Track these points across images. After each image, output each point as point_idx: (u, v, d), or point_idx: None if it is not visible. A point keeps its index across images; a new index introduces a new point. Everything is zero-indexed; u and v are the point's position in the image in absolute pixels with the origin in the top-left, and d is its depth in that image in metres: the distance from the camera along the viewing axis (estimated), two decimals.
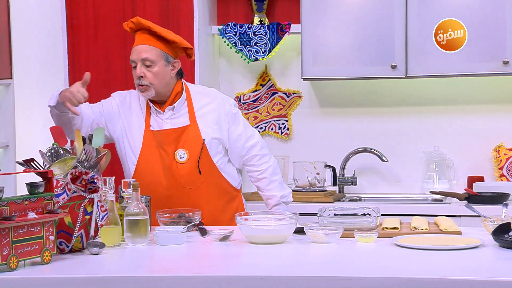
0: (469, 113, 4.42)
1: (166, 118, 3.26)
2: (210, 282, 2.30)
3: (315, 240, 2.76)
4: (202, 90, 3.39)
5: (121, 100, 3.34)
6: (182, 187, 3.22)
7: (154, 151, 3.23)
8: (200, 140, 3.23)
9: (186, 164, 3.22)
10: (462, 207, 3.49)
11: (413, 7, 4.10)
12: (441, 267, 2.38)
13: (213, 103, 3.32)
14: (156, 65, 3.21)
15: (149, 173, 3.23)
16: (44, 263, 2.47)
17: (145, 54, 3.20)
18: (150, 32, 3.23)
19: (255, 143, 3.36)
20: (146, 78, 3.20)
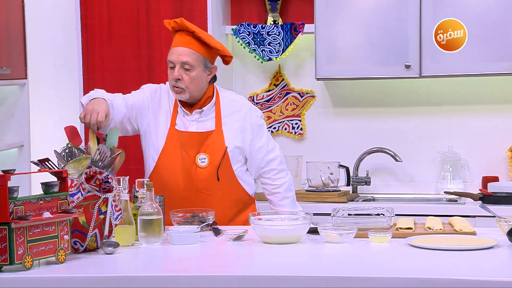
0: (483, 113, 4.40)
1: (192, 120, 3.24)
2: (224, 282, 2.30)
3: (329, 240, 2.75)
4: (232, 96, 3.36)
5: (151, 95, 3.31)
6: (199, 191, 3.20)
7: (176, 150, 3.22)
8: (223, 147, 3.22)
9: (205, 169, 3.20)
10: (477, 207, 3.48)
11: (427, 6, 4.09)
12: (455, 268, 2.37)
13: (240, 112, 3.29)
14: (195, 70, 3.18)
15: (168, 172, 3.22)
16: (59, 263, 2.48)
17: (185, 57, 3.17)
18: (192, 35, 3.19)
19: (275, 157, 3.34)
20: (183, 81, 3.18)
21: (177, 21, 3.20)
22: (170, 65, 3.22)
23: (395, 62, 4.15)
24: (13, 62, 4.10)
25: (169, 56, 3.22)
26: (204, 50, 3.20)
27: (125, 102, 3.25)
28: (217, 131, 3.23)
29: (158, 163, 3.25)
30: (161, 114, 3.27)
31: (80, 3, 4.26)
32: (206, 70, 3.23)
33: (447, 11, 4.07)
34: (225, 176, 3.22)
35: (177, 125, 3.24)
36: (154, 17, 4.22)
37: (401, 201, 4.28)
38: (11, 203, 2.37)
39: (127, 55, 4.25)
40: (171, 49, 3.22)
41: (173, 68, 3.20)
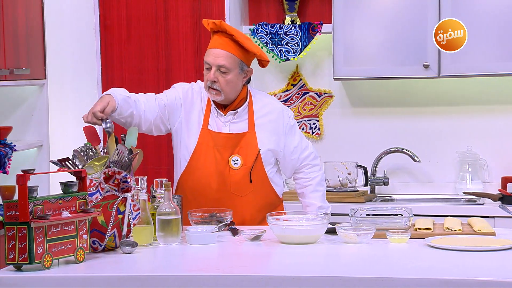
0: (503, 113, 4.37)
1: (226, 121, 3.23)
2: (242, 281, 2.31)
3: (347, 240, 2.75)
4: (264, 98, 3.34)
5: (183, 94, 3.29)
6: (231, 192, 3.20)
7: (209, 151, 3.21)
8: (256, 149, 3.21)
9: (238, 170, 3.19)
10: (496, 208, 3.46)
11: (446, 5, 4.07)
12: (474, 269, 2.36)
13: (273, 114, 3.28)
14: (231, 73, 3.17)
15: (200, 172, 3.21)
16: (78, 262, 2.49)
17: (222, 61, 3.15)
18: (230, 38, 3.17)
19: (309, 154, 3.35)
20: (218, 83, 3.16)
21: (216, 22, 3.18)
22: (206, 66, 3.19)
23: (414, 61, 4.13)
24: (32, 63, 4.13)
25: (206, 57, 3.20)
26: (241, 53, 3.18)
27: (157, 102, 3.24)
28: (250, 133, 3.22)
29: (190, 163, 3.23)
30: (194, 114, 3.26)
31: (99, 4, 4.28)
32: (242, 73, 3.21)
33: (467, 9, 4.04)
34: (257, 178, 3.22)
35: (209, 125, 3.23)
36: (172, 17, 4.23)
37: (419, 201, 4.26)
38: (31, 203, 2.38)
39: (145, 55, 4.27)
40: (208, 50, 3.20)
41: (209, 69, 3.18)
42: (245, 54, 3.20)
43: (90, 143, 2.83)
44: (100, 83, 4.30)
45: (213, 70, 3.15)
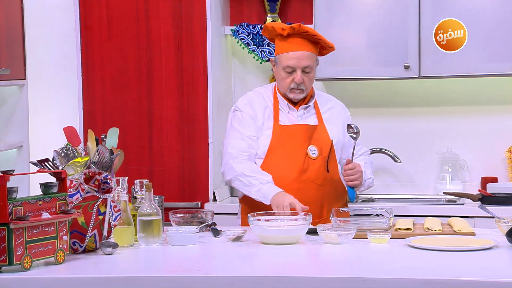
0: (482, 114, 4.40)
1: (298, 115, 3.32)
2: (223, 282, 2.30)
3: (328, 240, 2.75)
4: (323, 93, 3.50)
5: (250, 110, 3.33)
6: (311, 182, 3.25)
7: (285, 144, 3.27)
8: (329, 141, 3.30)
9: (316, 160, 3.27)
10: (476, 208, 3.48)
11: (426, 6, 4.09)
12: (454, 268, 2.37)
13: (336, 108, 3.43)
14: (312, 71, 3.29)
15: (280, 164, 3.25)
16: (58, 263, 2.48)
17: (307, 61, 3.24)
18: (306, 37, 3.25)
19: (364, 152, 3.48)
20: (304, 83, 3.26)
21: (295, 27, 3.24)
22: (287, 70, 3.25)
23: (394, 62, 4.15)
24: (12, 63, 4.10)
25: (286, 62, 3.25)
26: (315, 48, 3.30)
27: (254, 142, 3.29)
28: (321, 126, 3.32)
29: (268, 158, 3.27)
30: (263, 118, 3.31)
31: (79, 4, 4.25)
32: (316, 66, 3.33)
33: (447, 11, 4.07)
34: (332, 168, 3.29)
35: (281, 121, 3.30)
36: (153, 18, 4.22)
37: (400, 201, 4.27)
38: (10, 204, 2.37)
39: (126, 56, 4.25)
40: (287, 54, 3.25)
41: (291, 73, 3.25)
42: (317, 48, 3.31)
43: (71, 144, 2.82)
44: (81, 83, 4.28)
45: (299, 73, 3.24)
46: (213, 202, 4.20)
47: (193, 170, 4.22)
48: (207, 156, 4.20)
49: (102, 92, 4.28)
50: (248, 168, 3.22)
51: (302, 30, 3.24)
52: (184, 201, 4.22)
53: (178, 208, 3.70)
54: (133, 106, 4.25)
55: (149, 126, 4.25)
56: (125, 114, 4.26)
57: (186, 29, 4.20)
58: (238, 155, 3.25)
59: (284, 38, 3.27)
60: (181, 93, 4.22)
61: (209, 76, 4.18)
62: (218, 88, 4.32)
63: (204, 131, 4.21)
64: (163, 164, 4.24)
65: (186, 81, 4.21)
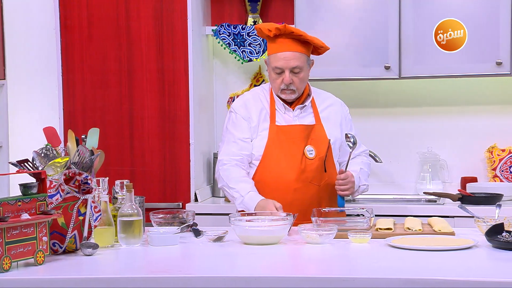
0: (462, 114, 4.44)
1: (295, 116, 3.30)
2: (203, 282, 2.30)
3: (309, 240, 2.76)
4: (321, 92, 3.46)
5: (244, 111, 3.32)
6: (309, 182, 3.24)
7: (282, 145, 3.25)
8: (326, 140, 3.28)
9: (313, 160, 3.26)
10: (456, 208, 3.50)
11: (406, 8, 4.11)
12: (434, 268, 2.38)
13: (334, 106, 3.40)
14: (303, 71, 3.25)
15: (277, 165, 3.24)
16: (38, 264, 2.46)
17: (295, 62, 3.22)
18: (295, 38, 3.23)
19: (362, 151, 3.45)
20: (293, 84, 3.24)
21: (280, 27, 3.21)
22: (276, 71, 3.24)
23: (375, 63, 4.17)
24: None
25: (274, 63, 3.24)
26: (305, 48, 3.27)
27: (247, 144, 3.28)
28: (318, 125, 3.31)
29: (264, 159, 3.26)
30: (259, 119, 3.30)
31: (59, 4, 4.23)
32: (308, 67, 3.31)
33: (427, 13, 4.09)
34: (330, 168, 3.28)
35: (277, 121, 3.29)
36: (134, 18, 4.21)
37: (381, 201, 4.29)
38: None
39: (107, 56, 4.24)
40: (276, 55, 3.24)
41: (280, 74, 3.24)
42: (308, 48, 3.29)
43: (51, 144, 2.80)
44: (61, 83, 4.26)
45: (287, 73, 3.22)
46: (194, 202, 4.20)
47: (174, 171, 4.22)
48: (189, 156, 4.20)
49: (82, 92, 4.26)
50: (232, 179, 3.22)
51: (288, 30, 3.22)
52: (165, 202, 4.22)
53: (159, 209, 3.69)
54: (113, 106, 4.24)
55: (130, 126, 4.23)
56: (105, 114, 4.25)
57: (167, 29, 4.19)
58: (228, 161, 3.25)
59: (273, 39, 3.26)
60: (162, 94, 4.21)
61: (190, 76, 4.18)
62: (200, 88, 4.32)
63: (186, 131, 4.20)
64: (144, 165, 4.23)
65: (167, 81, 4.21)
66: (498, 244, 2.63)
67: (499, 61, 4.02)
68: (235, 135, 3.30)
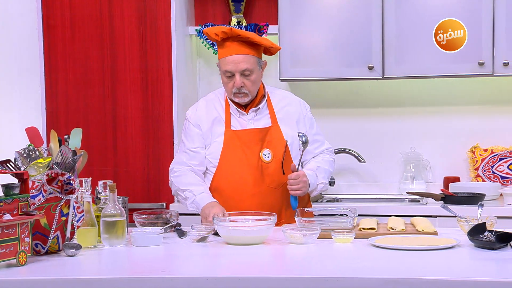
0: (445, 114, 4.46)
1: (249, 119, 3.28)
2: (188, 283, 2.30)
3: (293, 240, 2.76)
4: (279, 92, 3.42)
5: (195, 118, 3.31)
6: (267, 186, 3.22)
7: (237, 149, 3.23)
8: (283, 142, 3.25)
9: (270, 163, 3.23)
10: (439, 208, 3.51)
11: (390, 8, 4.12)
12: (417, 267, 2.39)
13: (292, 106, 3.36)
14: (254, 73, 3.21)
15: (234, 171, 3.22)
16: (20, 265, 2.45)
17: (244, 65, 3.19)
18: (241, 40, 3.19)
19: (325, 149, 3.43)
20: (245, 87, 3.21)
21: (226, 31, 3.18)
22: (227, 75, 3.22)
23: (359, 63, 4.18)
24: None
25: (224, 67, 3.21)
26: (255, 50, 3.23)
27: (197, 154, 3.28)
28: (274, 126, 3.28)
29: (221, 165, 3.24)
30: (212, 125, 3.28)
31: (41, 3, 4.21)
32: (260, 68, 3.27)
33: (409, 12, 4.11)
34: (288, 169, 3.23)
35: (232, 126, 3.26)
36: (117, 18, 4.20)
37: (364, 201, 4.31)
38: None
39: (90, 56, 4.22)
40: (224, 59, 3.21)
41: (231, 77, 3.21)
42: (258, 49, 3.25)
43: (33, 145, 2.79)
44: (44, 83, 4.24)
45: (237, 77, 3.19)
46: (178, 203, 4.19)
47: (158, 171, 4.21)
48: (172, 156, 4.19)
49: (65, 92, 4.25)
50: (184, 181, 3.23)
51: (234, 33, 3.18)
52: (149, 202, 4.21)
53: (143, 209, 3.68)
54: (97, 106, 4.22)
55: (113, 126, 4.22)
56: (88, 114, 4.23)
57: (150, 29, 4.18)
58: (178, 169, 3.28)
59: (221, 43, 3.23)
60: (145, 94, 4.20)
61: (173, 76, 4.17)
62: (183, 88, 4.31)
63: (169, 131, 4.19)
64: (127, 165, 4.21)
65: (150, 81, 4.20)
66: (480, 243, 2.64)
67: (481, 61, 4.04)
68: (186, 145, 3.31)
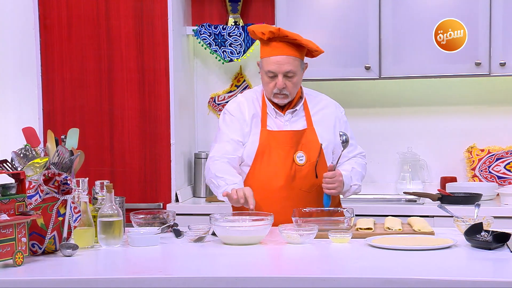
0: (442, 114, 4.46)
1: (286, 120, 3.25)
2: (185, 283, 2.30)
3: (290, 240, 2.76)
4: (315, 94, 3.39)
5: (237, 112, 3.28)
6: (299, 189, 3.20)
7: (272, 150, 3.21)
8: (317, 145, 3.22)
9: (304, 166, 3.20)
10: (435, 208, 3.52)
11: (386, 8, 4.13)
12: (414, 268, 2.40)
13: (328, 108, 3.33)
14: (296, 75, 3.19)
15: (266, 172, 3.20)
16: (16, 265, 2.44)
17: (288, 66, 3.16)
18: (287, 41, 3.17)
19: (358, 153, 3.40)
20: (286, 88, 3.19)
21: (273, 31, 3.15)
22: (269, 75, 3.18)
23: (355, 63, 4.18)
24: None
25: (267, 66, 3.18)
26: (299, 52, 3.20)
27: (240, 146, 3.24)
28: (310, 129, 3.25)
29: (254, 165, 3.22)
30: (251, 122, 3.25)
31: (38, 3, 4.21)
32: (302, 71, 3.25)
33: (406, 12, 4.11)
34: (322, 173, 3.20)
35: (268, 126, 3.24)
36: (114, 17, 4.19)
37: (361, 201, 4.30)
38: None
39: (86, 55, 4.22)
40: (268, 59, 3.18)
41: (273, 78, 3.18)
42: (302, 51, 3.22)
43: (30, 145, 2.79)
44: (40, 83, 4.23)
45: (280, 78, 3.16)
46: (175, 203, 4.19)
47: (155, 171, 4.21)
48: (169, 156, 4.19)
49: (62, 92, 4.24)
50: (220, 169, 3.17)
51: (282, 34, 3.15)
52: (146, 202, 4.21)
53: (140, 209, 3.67)
54: (93, 106, 4.22)
55: (110, 126, 4.22)
56: (85, 114, 4.23)
57: (147, 29, 4.18)
58: (219, 157, 3.21)
59: (266, 42, 3.19)
60: (142, 94, 4.20)
61: (171, 76, 4.17)
62: (180, 88, 4.31)
63: (166, 131, 4.19)
64: (124, 165, 4.21)
65: (147, 81, 4.20)
66: (477, 243, 2.64)
67: (478, 61, 4.05)
68: (229, 135, 3.25)
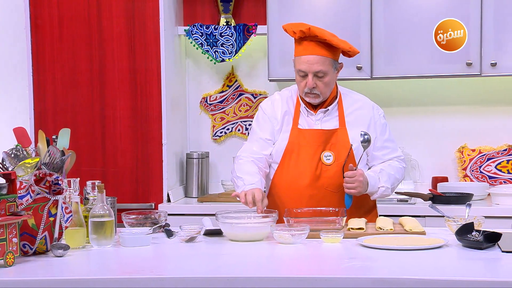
0: (433, 114, 4.47)
1: (317, 119, 3.22)
2: (176, 283, 2.30)
3: (281, 241, 2.77)
4: (353, 94, 3.34)
5: (271, 111, 3.26)
6: (325, 188, 3.17)
7: (300, 148, 3.19)
8: (347, 145, 3.17)
9: (331, 166, 3.17)
10: (427, 208, 3.52)
11: (378, 9, 4.13)
12: (405, 267, 2.40)
13: (364, 109, 3.27)
14: (328, 75, 3.15)
15: (293, 170, 3.18)
16: (7, 266, 2.44)
17: (318, 66, 3.12)
18: (318, 40, 3.13)
19: (395, 156, 3.30)
20: (317, 88, 3.15)
21: (304, 30, 3.12)
22: (300, 74, 3.16)
23: (347, 63, 4.18)
24: None
25: (298, 65, 3.16)
26: (331, 52, 3.15)
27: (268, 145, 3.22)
28: (341, 129, 3.21)
29: (283, 162, 3.21)
30: (283, 120, 3.24)
31: (29, 3, 4.20)
32: (335, 71, 3.21)
33: (397, 12, 4.12)
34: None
35: (300, 124, 3.22)
36: (106, 17, 4.19)
37: None
38: None
39: (78, 56, 4.21)
40: (299, 58, 3.15)
41: (304, 77, 3.16)
42: (335, 51, 3.18)
43: (21, 145, 2.78)
44: (32, 83, 4.22)
45: (310, 77, 3.14)
46: (167, 203, 4.19)
47: (146, 171, 4.20)
48: (161, 157, 4.19)
49: (53, 92, 4.23)
50: (242, 169, 3.16)
51: (312, 34, 3.12)
52: (137, 202, 4.20)
53: (131, 209, 3.67)
54: (85, 106, 4.21)
55: (102, 126, 4.21)
56: (77, 114, 4.22)
57: (139, 29, 4.18)
58: (244, 156, 3.21)
59: (298, 41, 3.18)
60: (134, 94, 4.19)
61: (162, 76, 4.17)
62: (172, 88, 4.31)
63: (158, 131, 4.19)
64: (116, 165, 4.21)
65: (139, 82, 4.19)
66: (468, 243, 2.65)
67: (469, 62, 4.06)
68: (258, 134, 3.25)
